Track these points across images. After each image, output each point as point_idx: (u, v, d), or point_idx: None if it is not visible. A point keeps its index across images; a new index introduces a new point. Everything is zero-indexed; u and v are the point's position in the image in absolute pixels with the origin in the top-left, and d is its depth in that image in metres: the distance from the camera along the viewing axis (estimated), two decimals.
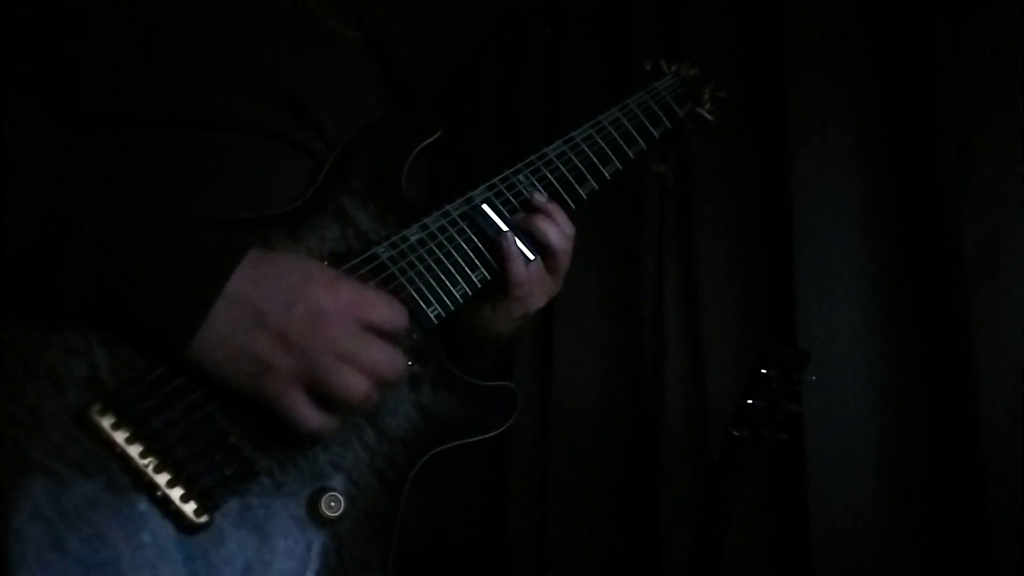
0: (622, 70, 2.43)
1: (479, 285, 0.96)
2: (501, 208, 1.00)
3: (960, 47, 1.78)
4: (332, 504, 0.80)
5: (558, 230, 1.01)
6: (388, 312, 0.80)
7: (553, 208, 1.02)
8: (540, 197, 1.02)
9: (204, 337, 0.73)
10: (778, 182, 2.01)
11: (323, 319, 0.75)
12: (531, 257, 0.99)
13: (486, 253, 0.98)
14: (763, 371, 1.39)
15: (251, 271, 0.75)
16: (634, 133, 1.16)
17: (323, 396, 0.75)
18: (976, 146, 1.75)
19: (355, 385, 0.76)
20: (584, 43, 2.60)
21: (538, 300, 1.02)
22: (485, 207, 0.99)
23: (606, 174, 1.12)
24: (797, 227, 1.93)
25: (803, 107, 1.97)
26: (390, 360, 0.78)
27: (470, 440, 0.93)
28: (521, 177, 1.04)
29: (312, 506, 0.79)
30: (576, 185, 1.08)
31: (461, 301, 0.94)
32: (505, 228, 0.98)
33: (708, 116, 1.31)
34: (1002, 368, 1.66)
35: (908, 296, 1.83)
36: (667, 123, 1.22)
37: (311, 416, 0.75)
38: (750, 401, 1.40)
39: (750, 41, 2.15)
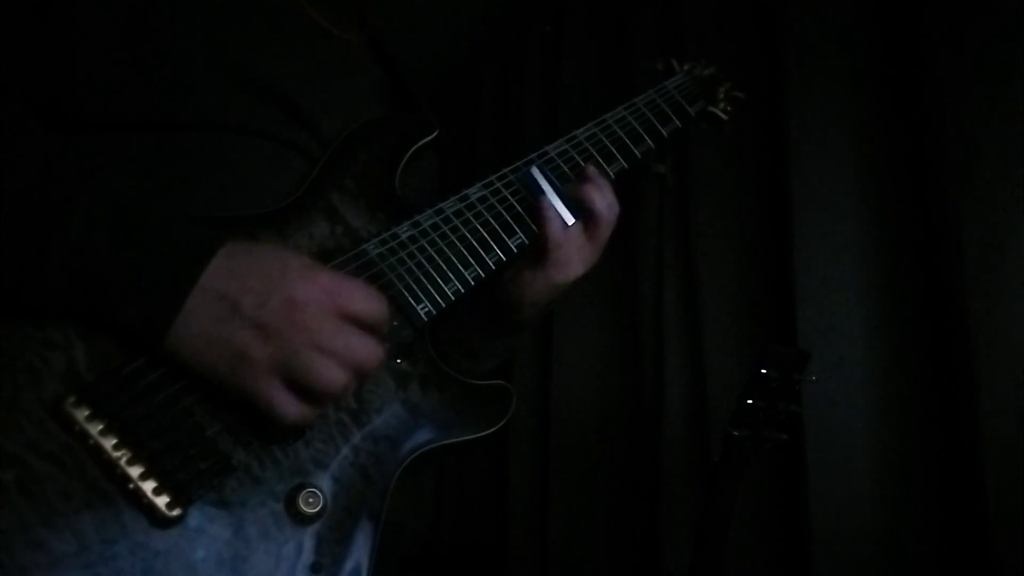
0: (622, 70, 2.43)
1: (473, 283, 0.95)
2: (549, 174, 1.01)
3: (960, 47, 1.77)
4: (311, 500, 0.78)
5: (604, 198, 1.02)
6: (366, 301, 0.78)
7: (602, 180, 1.04)
8: (591, 169, 1.04)
9: (180, 329, 0.72)
10: (778, 182, 2.00)
11: (300, 308, 0.74)
12: (570, 221, 0.99)
13: (479, 249, 0.96)
14: (763, 371, 1.39)
15: (227, 263, 0.74)
16: (641, 132, 1.14)
17: (301, 387, 0.74)
18: (976, 146, 1.75)
19: (333, 375, 0.74)
20: (584, 43, 2.60)
21: (576, 268, 1.02)
22: (534, 170, 0.99)
23: (610, 173, 1.10)
24: (797, 227, 1.92)
25: (803, 107, 1.97)
26: (368, 350, 0.77)
27: (461, 440, 0.91)
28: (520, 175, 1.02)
29: (291, 502, 0.78)
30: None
31: (453, 299, 0.93)
32: (550, 191, 0.98)
33: (722, 115, 1.30)
34: (1002, 368, 1.65)
35: (908, 296, 1.82)
36: (677, 122, 1.20)
37: (290, 407, 0.74)
38: (750, 401, 1.39)
39: (750, 41, 2.15)
